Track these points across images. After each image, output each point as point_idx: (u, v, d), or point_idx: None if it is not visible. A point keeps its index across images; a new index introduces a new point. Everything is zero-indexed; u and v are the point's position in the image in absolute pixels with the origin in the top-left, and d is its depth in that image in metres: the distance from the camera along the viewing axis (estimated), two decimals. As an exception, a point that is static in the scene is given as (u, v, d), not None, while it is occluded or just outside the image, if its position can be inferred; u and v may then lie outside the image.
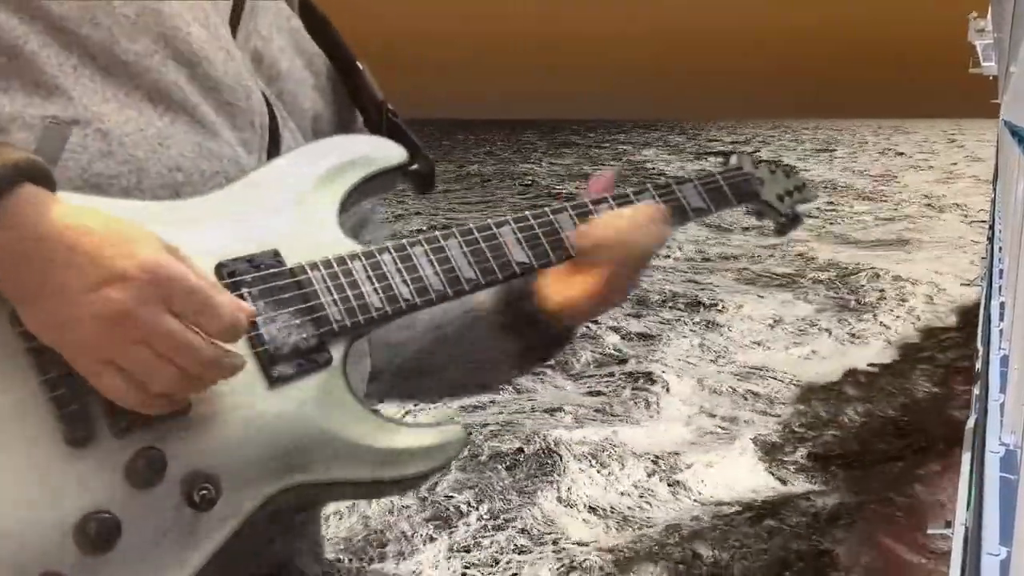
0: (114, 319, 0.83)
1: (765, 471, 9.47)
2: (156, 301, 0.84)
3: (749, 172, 1.39)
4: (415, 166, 1.18)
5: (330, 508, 5.31)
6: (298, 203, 1.06)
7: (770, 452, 9.95)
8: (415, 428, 1.03)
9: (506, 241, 1.16)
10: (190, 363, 0.86)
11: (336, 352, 1.00)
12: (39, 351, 0.85)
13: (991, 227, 14.73)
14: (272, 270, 0.99)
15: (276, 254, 1.01)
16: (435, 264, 1.10)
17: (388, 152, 1.15)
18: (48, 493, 0.84)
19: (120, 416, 0.87)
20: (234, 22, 1.13)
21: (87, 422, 0.86)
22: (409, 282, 1.07)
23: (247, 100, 1.09)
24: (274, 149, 1.12)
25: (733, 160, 1.40)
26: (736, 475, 9.32)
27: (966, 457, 5.87)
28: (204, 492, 0.89)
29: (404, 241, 1.10)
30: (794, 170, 1.46)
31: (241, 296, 0.96)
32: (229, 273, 0.97)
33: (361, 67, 1.27)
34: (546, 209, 1.21)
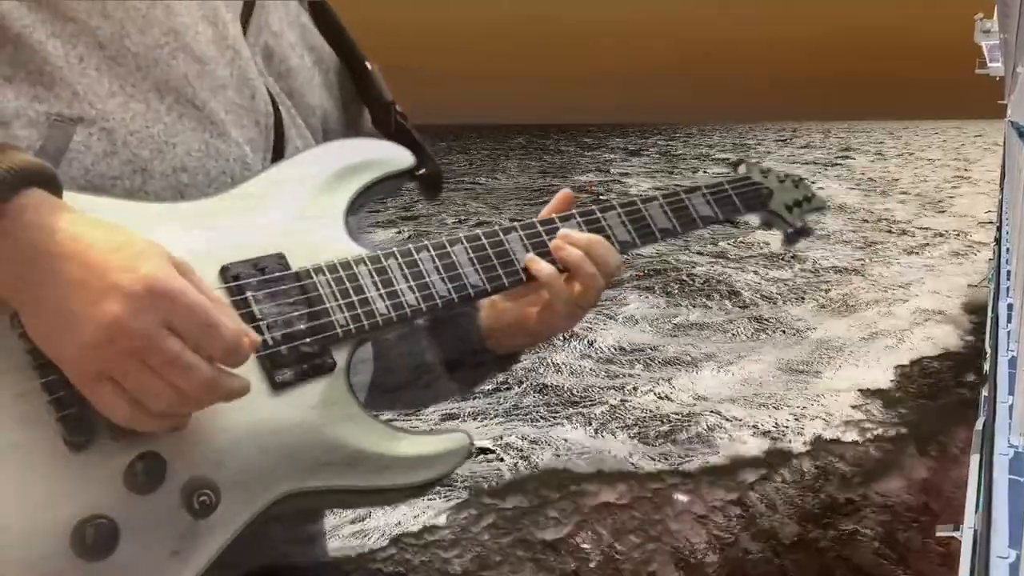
0: (110, 332, 0.80)
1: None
2: (155, 317, 0.81)
3: (757, 182, 1.39)
4: (422, 171, 1.17)
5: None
6: (305, 206, 1.05)
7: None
8: (419, 435, 1.02)
9: (513, 248, 1.15)
10: (187, 384, 0.83)
11: (340, 358, 0.99)
12: (40, 353, 0.84)
13: (998, 228, 14.64)
14: (277, 274, 0.98)
15: (281, 257, 0.99)
16: (441, 270, 1.09)
17: (396, 156, 1.14)
18: (46, 497, 0.83)
19: None
20: (245, 17, 1.12)
21: (87, 426, 0.85)
22: (415, 288, 1.06)
23: (252, 100, 1.08)
24: (279, 148, 1.10)
25: (741, 169, 1.41)
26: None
27: (975, 459, 5.84)
28: (204, 499, 0.88)
29: (410, 246, 1.09)
30: (803, 180, 1.46)
31: (245, 299, 0.95)
32: (233, 276, 0.95)
33: (370, 67, 1.25)
34: (555, 217, 1.20)
